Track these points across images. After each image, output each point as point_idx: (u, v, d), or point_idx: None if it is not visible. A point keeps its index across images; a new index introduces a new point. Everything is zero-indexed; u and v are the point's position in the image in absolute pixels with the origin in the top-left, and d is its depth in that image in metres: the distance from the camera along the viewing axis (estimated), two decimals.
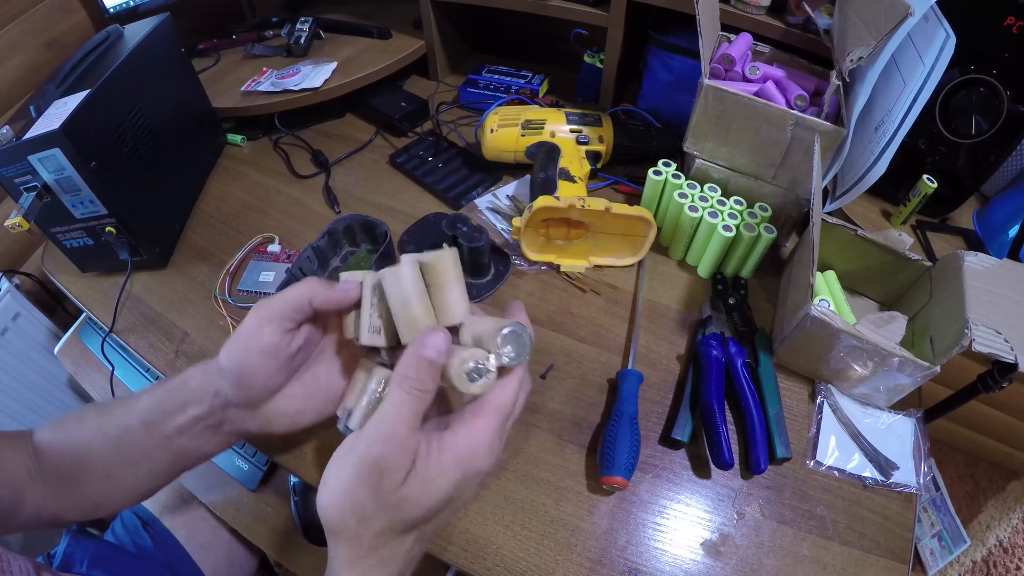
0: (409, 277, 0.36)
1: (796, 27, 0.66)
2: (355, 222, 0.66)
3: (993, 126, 0.62)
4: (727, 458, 0.47)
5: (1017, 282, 0.51)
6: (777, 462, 0.50)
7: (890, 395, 0.52)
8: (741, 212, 0.62)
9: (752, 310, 0.60)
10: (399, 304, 0.36)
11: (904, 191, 0.68)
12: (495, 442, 0.33)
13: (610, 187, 0.77)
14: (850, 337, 0.48)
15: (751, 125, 0.60)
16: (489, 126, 0.75)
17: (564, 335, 0.60)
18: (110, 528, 0.70)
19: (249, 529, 0.71)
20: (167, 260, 0.70)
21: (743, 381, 0.53)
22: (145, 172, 0.67)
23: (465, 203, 0.75)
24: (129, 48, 0.66)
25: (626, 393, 0.52)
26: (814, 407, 0.54)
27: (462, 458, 0.32)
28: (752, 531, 0.47)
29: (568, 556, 0.46)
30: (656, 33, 0.79)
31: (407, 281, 0.36)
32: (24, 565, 0.38)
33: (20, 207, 0.56)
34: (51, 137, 0.54)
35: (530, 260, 0.66)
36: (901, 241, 0.57)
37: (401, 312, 0.36)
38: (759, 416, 0.51)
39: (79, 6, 0.90)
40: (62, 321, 0.90)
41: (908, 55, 0.56)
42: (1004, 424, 1.03)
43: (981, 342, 0.45)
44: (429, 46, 0.94)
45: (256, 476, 0.74)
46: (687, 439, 0.51)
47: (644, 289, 0.64)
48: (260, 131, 0.89)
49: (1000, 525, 1.08)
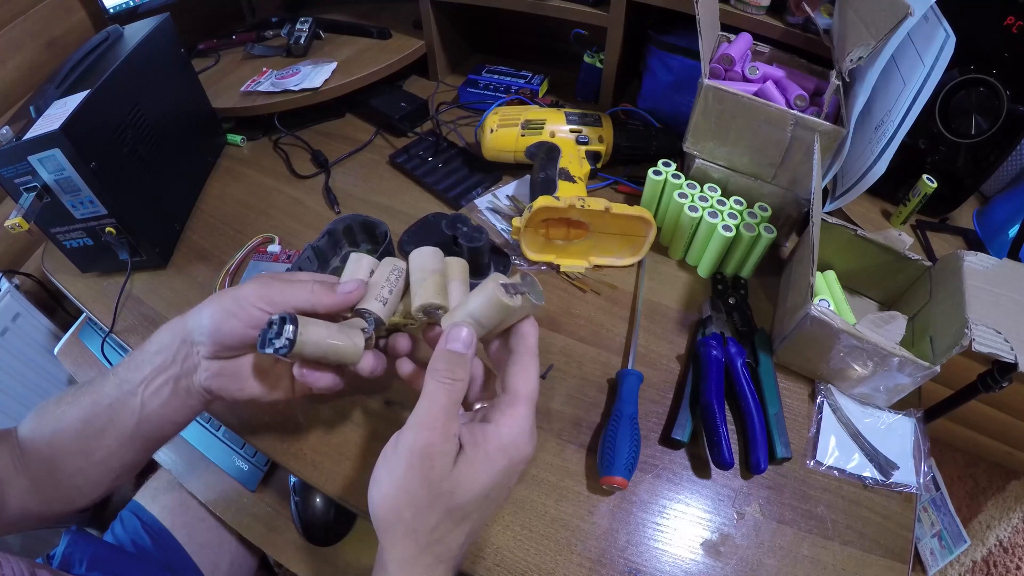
0: (437, 255, 0.42)
1: (796, 27, 0.66)
2: (355, 222, 0.66)
3: (993, 126, 0.62)
4: (727, 458, 0.47)
5: (1017, 282, 0.51)
6: (777, 462, 0.50)
7: (890, 395, 0.52)
8: (741, 212, 0.62)
9: (752, 310, 0.60)
10: (422, 273, 0.41)
11: (904, 191, 0.68)
12: (532, 429, 0.35)
13: (610, 187, 0.77)
14: (850, 337, 0.48)
15: (751, 125, 0.60)
16: (489, 126, 0.75)
17: (564, 335, 0.60)
18: (109, 529, 0.70)
19: (249, 529, 0.71)
20: (167, 260, 0.70)
21: (743, 381, 0.53)
22: (145, 172, 0.67)
23: (465, 203, 0.75)
24: (129, 48, 0.66)
25: (626, 393, 0.52)
26: (814, 407, 0.54)
27: (507, 446, 0.34)
28: (752, 531, 0.47)
29: (568, 556, 0.46)
30: (656, 33, 0.79)
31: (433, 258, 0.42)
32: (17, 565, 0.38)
33: (20, 207, 0.56)
34: (51, 137, 0.54)
35: (530, 260, 0.66)
36: (901, 241, 0.57)
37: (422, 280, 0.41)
38: (759, 416, 0.51)
39: (79, 6, 0.90)
40: (62, 321, 0.90)
41: (908, 55, 0.56)
42: (1004, 424, 1.03)
43: (981, 342, 0.45)
44: (429, 46, 0.94)
45: (256, 476, 0.74)
46: (687, 439, 0.51)
47: (644, 289, 0.64)
48: (260, 131, 0.89)
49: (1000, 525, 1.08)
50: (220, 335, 0.40)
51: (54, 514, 0.43)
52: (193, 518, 0.72)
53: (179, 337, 0.41)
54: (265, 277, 0.41)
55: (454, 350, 0.35)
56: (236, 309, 0.39)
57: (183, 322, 0.42)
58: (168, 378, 0.41)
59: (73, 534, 0.61)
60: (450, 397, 0.34)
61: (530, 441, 0.35)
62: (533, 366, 0.37)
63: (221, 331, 0.40)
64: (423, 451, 0.32)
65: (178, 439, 0.79)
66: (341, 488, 0.50)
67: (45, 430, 0.42)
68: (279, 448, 0.52)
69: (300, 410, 0.55)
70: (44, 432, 0.42)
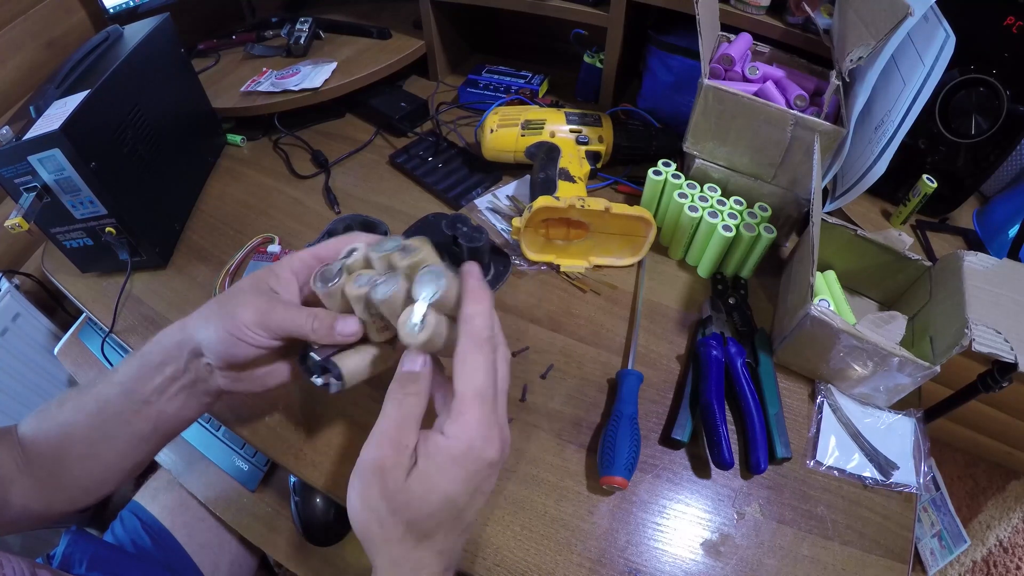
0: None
1: (796, 27, 0.66)
2: (355, 222, 0.66)
3: (993, 126, 0.62)
4: (727, 458, 0.47)
5: (1017, 282, 0.51)
6: (777, 462, 0.50)
7: (890, 395, 0.52)
8: (741, 212, 0.62)
9: (752, 310, 0.60)
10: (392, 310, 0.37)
11: (904, 191, 0.68)
12: (489, 431, 0.33)
13: (610, 187, 0.77)
14: (850, 337, 0.48)
15: (751, 125, 0.60)
16: (489, 126, 0.75)
17: (564, 335, 0.60)
18: (109, 529, 0.70)
19: (249, 529, 0.71)
20: (167, 260, 0.70)
21: (743, 381, 0.53)
22: (145, 172, 0.67)
23: (465, 203, 0.75)
24: (129, 48, 0.66)
25: (626, 393, 0.52)
26: (814, 407, 0.54)
27: (459, 457, 0.32)
28: (752, 531, 0.47)
29: (568, 556, 0.46)
30: (656, 33, 0.79)
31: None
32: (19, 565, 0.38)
33: (20, 207, 0.56)
34: (51, 137, 0.54)
35: (530, 260, 0.66)
36: (901, 241, 0.57)
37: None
38: (759, 416, 0.51)
39: (79, 6, 0.90)
40: (62, 321, 0.90)
41: (908, 55, 0.56)
42: (1004, 424, 1.03)
43: (981, 342, 0.45)
44: (429, 46, 0.94)
45: (256, 476, 0.74)
46: (687, 439, 0.51)
47: (644, 289, 0.64)
48: (260, 131, 0.89)
49: (1000, 525, 1.08)
50: (231, 358, 0.40)
51: (55, 513, 0.43)
52: (193, 518, 0.72)
53: (187, 348, 0.40)
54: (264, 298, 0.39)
55: (406, 370, 0.35)
56: (240, 335, 0.39)
57: (186, 332, 0.41)
58: (183, 385, 0.41)
59: (73, 534, 0.61)
60: (400, 411, 0.33)
61: (490, 443, 0.32)
62: (478, 357, 0.33)
63: (232, 355, 0.40)
64: (375, 466, 0.32)
65: (178, 439, 0.79)
66: (341, 488, 0.49)
67: (51, 432, 0.42)
68: (279, 448, 0.52)
69: (300, 410, 0.55)
70: (50, 434, 0.42)
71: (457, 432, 0.32)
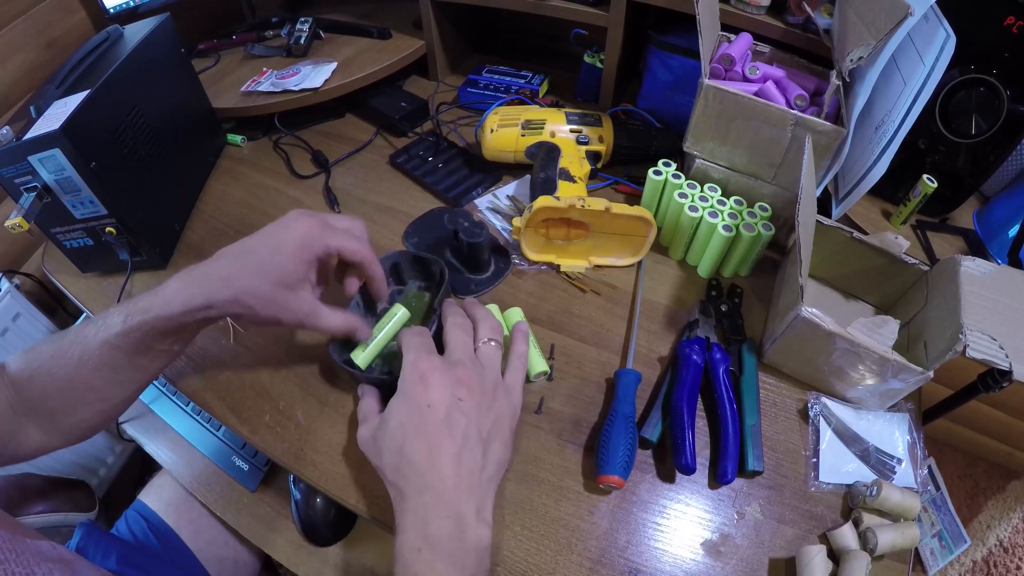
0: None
1: (796, 27, 0.66)
2: (403, 259, 0.61)
3: (993, 126, 0.62)
4: (688, 462, 0.47)
5: (1014, 288, 0.50)
6: (748, 475, 0.50)
7: (883, 399, 0.52)
8: (741, 212, 0.62)
9: (744, 319, 0.60)
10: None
11: (904, 191, 0.68)
12: (424, 375, 0.42)
13: (610, 187, 0.77)
14: (841, 340, 0.48)
15: (751, 125, 0.60)
16: (489, 126, 0.75)
17: (564, 335, 0.60)
18: (114, 528, 0.70)
19: (249, 529, 0.71)
20: (167, 260, 0.70)
21: (722, 388, 0.52)
22: (145, 172, 0.67)
23: (465, 203, 0.75)
24: (129, 48, 0.66)
25: (623, 392, 0.52)
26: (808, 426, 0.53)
27: (396, 401, 0.43)
28: (752, 531, 0.47)
29: (568, 556, 0.46)
30: (656, 33, 0.79)
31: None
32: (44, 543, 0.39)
33: (20, 207, 0.56)
34: (51, 137, 0.54)
35: (530, 260, 0.66)
36: (897, 244, 0.57)
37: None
38: (734, 425, 0.50)
39: (79, 6, 0.90)
40: (62, 321, 0.90)
41: (908, 55, 0.56)
42: (1004, 424, 1.03)
43: (975, 348, 0.45)
44: (429, 46, 0.94)
45: (256, 476, 0.74)
46: (655, 439, 0.51)
47: (644, 289, 0.64)
48: (260, 131, 0.89)
49: (1000, 525, 1.08)
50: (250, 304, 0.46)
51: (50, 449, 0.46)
52: (198, 515, 0.72)
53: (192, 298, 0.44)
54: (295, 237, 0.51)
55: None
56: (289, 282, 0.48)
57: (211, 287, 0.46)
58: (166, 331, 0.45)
59: (88, 527, 0.61)
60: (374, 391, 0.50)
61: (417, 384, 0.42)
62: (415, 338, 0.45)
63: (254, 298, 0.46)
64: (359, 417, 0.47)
65: (178, 439, 0.79)
66: (341, 488, 0.50)
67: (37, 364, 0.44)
68: (279, 448, 0.53)
69: (300, 410, 0.55)
70: (36, 366, 0.44)
71: (399, 385, 0.43)
